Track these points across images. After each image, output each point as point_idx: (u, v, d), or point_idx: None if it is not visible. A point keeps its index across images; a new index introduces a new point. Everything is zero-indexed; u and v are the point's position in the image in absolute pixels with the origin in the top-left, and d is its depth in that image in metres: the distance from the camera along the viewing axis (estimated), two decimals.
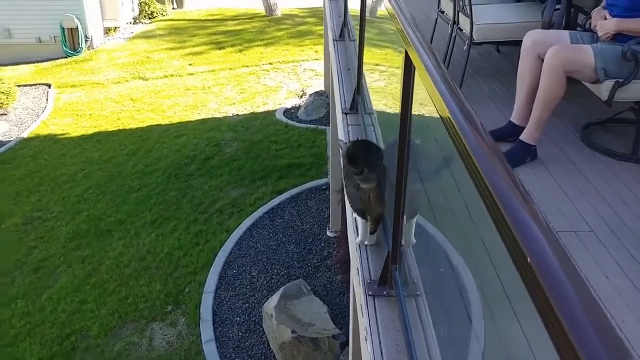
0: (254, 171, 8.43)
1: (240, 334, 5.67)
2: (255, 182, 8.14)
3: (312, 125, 9.76)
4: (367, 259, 2.15)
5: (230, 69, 13.04)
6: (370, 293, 1.96)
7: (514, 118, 3.17)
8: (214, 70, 12.99)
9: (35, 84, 12.66)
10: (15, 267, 6.90)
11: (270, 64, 13.10)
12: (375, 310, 1.90)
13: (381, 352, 1.73)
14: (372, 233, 2.15)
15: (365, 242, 2.19)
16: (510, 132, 3.14)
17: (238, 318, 5.85)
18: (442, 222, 2.39)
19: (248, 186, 8.09)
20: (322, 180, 7.99)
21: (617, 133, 3.29)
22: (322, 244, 6.85)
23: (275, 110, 10.60)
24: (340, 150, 2.23)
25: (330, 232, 6.94)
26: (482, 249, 1.78)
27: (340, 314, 5.69)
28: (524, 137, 2.95)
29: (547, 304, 0.65)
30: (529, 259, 0.69)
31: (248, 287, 6.24)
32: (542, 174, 2.87)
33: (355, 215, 2.21)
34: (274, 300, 5.66)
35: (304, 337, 5.20)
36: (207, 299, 6.07)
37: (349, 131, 3.19)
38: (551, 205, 2.59)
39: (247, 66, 13.08)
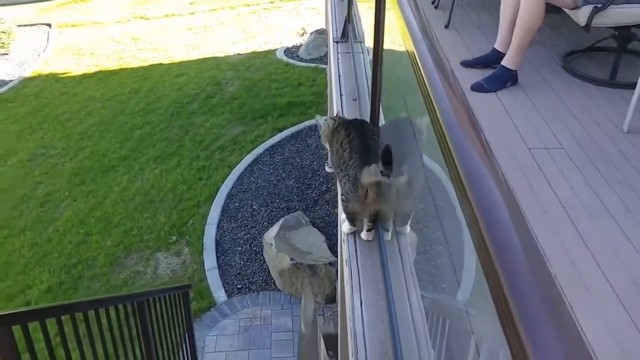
0: (255, 109, 8.54)
1: (242, 262, 5.92)
2: (256, 120, 8.27)
3: (313, 64, 9.81)
4: None
5: (231, 7, 12.96)
6: None
7: (498, 45, 3.28)
8: (215, 9, 12.92)
9: (36, 24, 12.65)
10: (22, 201, 7.14)
11: (272, 2, 13.01)
12: None
13: (356, 250, 1.91)
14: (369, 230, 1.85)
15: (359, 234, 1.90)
16: (495, 58, 3.25)
17: (240, 247, 6.09)
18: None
19: (249, 124, 8.22)
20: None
21: (598, 60, 3.40)
22: (321, 179, 7.03)
23: (276, 49, 10.63)
24: (320, 130, 2.01)
25: (329, 167, 7.03)
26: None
27: (337, 243, 5.89)
28: (505, 62, 3.06)
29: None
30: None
31: (249, 219, 6.45)
32: (520, 96, 3.00)
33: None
34: (274, 230, 5.87)
35: (302, 264, 5.44)
36: (210, 230, 6.30)
37: (338, 59, 3.30)
38: (526, 124, 2.73)
39: (249, 5, 13.00)
